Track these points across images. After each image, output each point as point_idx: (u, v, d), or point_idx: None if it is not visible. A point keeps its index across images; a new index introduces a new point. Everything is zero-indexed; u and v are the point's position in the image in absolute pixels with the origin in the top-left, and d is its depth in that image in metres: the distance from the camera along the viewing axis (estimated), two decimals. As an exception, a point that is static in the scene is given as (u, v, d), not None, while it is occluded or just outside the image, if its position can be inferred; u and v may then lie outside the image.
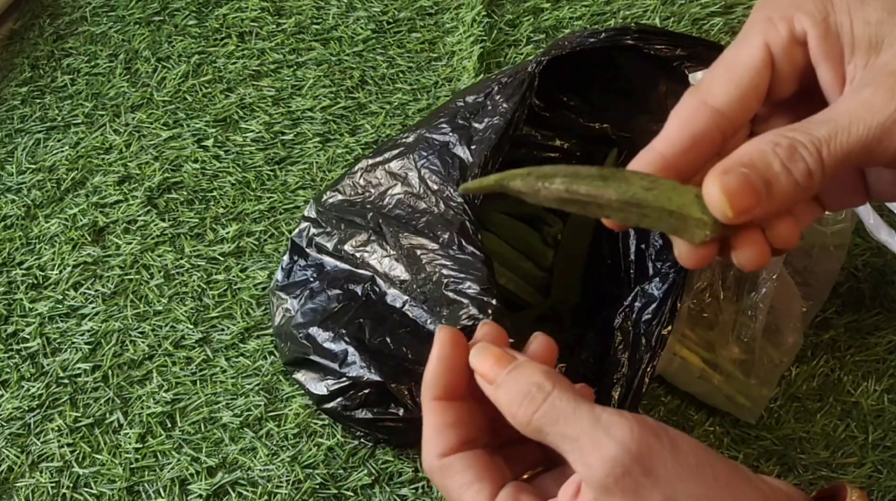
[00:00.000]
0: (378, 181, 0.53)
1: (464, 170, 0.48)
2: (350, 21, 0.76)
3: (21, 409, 0.57)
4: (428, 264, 0.48)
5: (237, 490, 0.53)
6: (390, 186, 0.52)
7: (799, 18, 0.31)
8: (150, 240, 0.64)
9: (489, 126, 0.49)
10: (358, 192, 0.54)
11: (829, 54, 0.31)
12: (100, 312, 0.61)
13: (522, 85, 0.49)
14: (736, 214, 0.29)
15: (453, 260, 0.47)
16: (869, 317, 0.59)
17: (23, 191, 0.67)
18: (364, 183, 0.53)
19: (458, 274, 0.46)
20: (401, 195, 0.51)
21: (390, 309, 0.51)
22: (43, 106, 0.72)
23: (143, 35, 0.76)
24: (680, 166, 0.32)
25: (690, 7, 0.74)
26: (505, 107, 0.49)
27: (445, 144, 0.50)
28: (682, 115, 0.32)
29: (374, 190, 0.53)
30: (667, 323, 0.46)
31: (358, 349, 0.50)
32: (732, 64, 0.32)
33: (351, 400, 0.51)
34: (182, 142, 0.69)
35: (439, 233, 0.48)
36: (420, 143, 0.51)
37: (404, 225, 0.49)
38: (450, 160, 0.49)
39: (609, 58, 0.54)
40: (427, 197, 0.49)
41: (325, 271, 0.55)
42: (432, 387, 0.34)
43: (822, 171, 0.29)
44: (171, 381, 0.57)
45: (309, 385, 0.53)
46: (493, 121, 0.49)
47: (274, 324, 0.56)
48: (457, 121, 0.50)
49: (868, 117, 0.29)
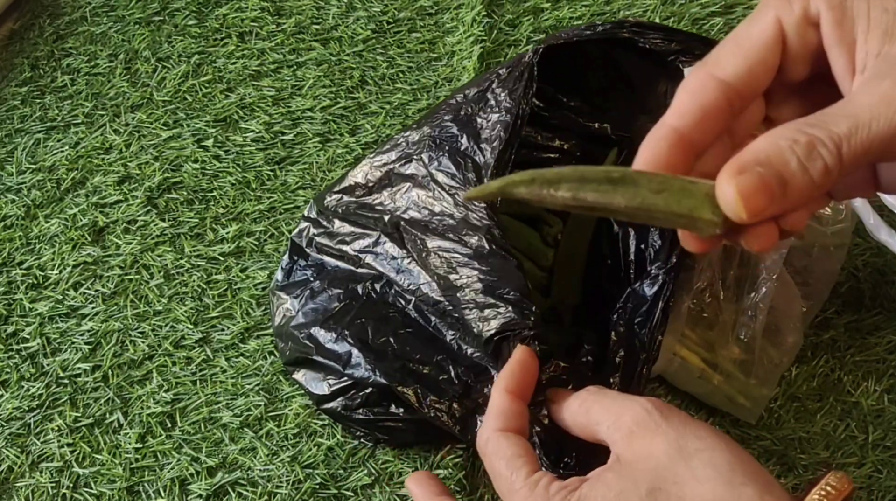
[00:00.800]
0: (386, 182, 0.52)
1: (478, 171, 0.48)
2: (350, 21, 0.76)
3: (21, 409, 0.57)
4: (459, 267, 0.48)
5: (237, 490, 0.53)
6: (400, 188, 0.51)
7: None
8: (150, 239, 0.64)
9: (497, 122, 0.48)
10: (364, 193, 0.53)
11: (841, 39, 0.31)
12: (100, 312, 0.61)
13: (522, 76, 0.48)
14: (750, 216, 0.29)
15: (488, 265, 0.47)
16: (869, 317, 0.59)
17: (23, 191, 0.67)
18: (370, 183, 0.53)
19: (494, 279, 0.46)
20: (414, 197, 0.50)
21: (393, 309, 0.51)
22: (43, 106, 0.72)
23: (143, 35, 0.76)
24: (693, 138, 0.32)
25: (690, 7, 0.74)
26: (509, 102, 0.48)
27: (454, 143, 0.50)
28: (690, 87, 0.32)
29: (383, 191, 0.52)
30: (659, 325, 0.46)
31: (362, 350, 0.50)
32: (742, 38, 0.32)
33: (352, 400, 0.51)
34: (182, 142, 0.69)
35: (466, 237, 0.48)
36: (426, 142, 0.51)
37: (424, 227, 0.49)
38: (462, 161, 0.49)
39: (608, 56, 0.54)
40: (443, 199, 0.49)
41: (326, 271, 0.55)
42: (507, 380, 0.41)
43: (840, 169, 0.29)
44: (171, 381, 0.57)
45: (310, 384, 0.53)
46: (501, 117, 0.48)
47: (274, 324, 0.56)
48: (461, 116, 0.50)
49: (889, 112, 0.28)
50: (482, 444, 0.40)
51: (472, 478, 0.53)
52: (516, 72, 0.49)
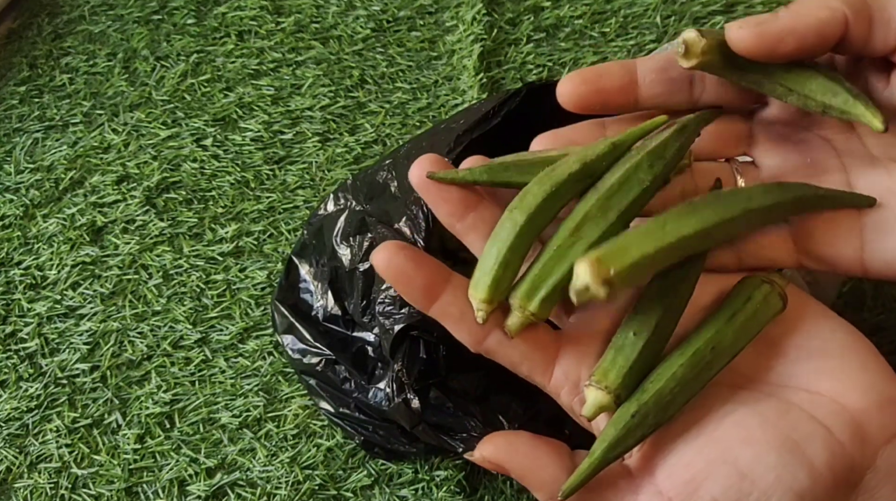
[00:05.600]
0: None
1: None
2: (350, 20, 0.76)
3: (19, 410, 0.56)
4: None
5: (236, 491, 0.53)
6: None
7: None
8: (149, 239, 0.64)
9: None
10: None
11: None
12: (98, 312, 0.60)
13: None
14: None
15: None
16: (871, 318, 0.59)
17: (21, 191, 0.67)
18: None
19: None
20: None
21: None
22: (41, 105, 0.72)
23: (142, 34, 0.76)
24: (639, 79, 0.34)
25: (692, 6, 0.74)
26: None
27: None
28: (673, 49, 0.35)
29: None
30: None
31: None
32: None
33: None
34: (181, 142, 0.69)
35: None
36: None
37: None
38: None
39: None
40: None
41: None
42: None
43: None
44: (169, 382, 0.57)
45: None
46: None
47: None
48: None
49: None
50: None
51: (472, 479, 0.53)
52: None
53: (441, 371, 0.47)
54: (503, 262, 0.31)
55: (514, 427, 0.47)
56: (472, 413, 0.47)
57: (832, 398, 0.30)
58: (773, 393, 0.31)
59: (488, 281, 0.31)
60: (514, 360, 0.32)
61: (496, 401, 0.48)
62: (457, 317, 0.32)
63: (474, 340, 0.32)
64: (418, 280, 0.31)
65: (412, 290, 0.31)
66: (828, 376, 0.31)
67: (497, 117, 0.48)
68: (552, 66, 0.72)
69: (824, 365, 0.31)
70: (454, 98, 0.71)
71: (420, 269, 0.31)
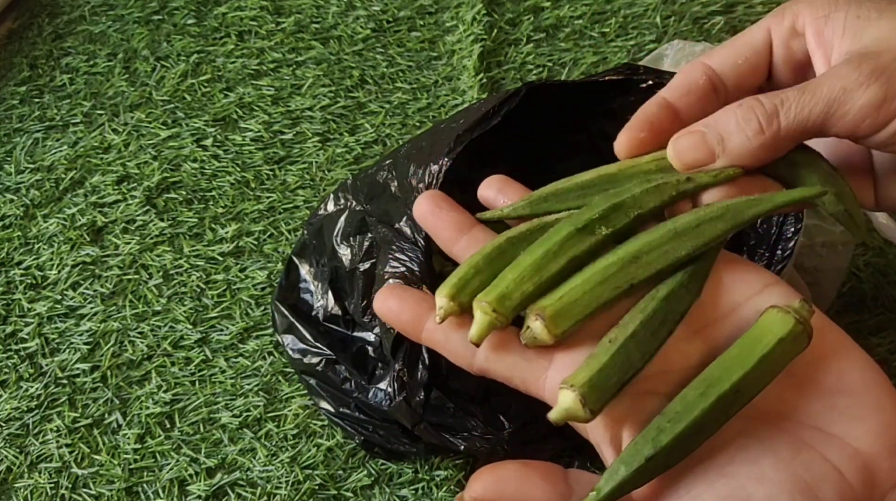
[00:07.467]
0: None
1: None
2: (350, 20, 0.76)
3: (20, 410, 0.56)
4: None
5: (236, 491, 0.53)
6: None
7: (803, 13, 0.36)
8: (149, 239, 0.64)
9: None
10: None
11: (820, 44, 0.35)
12: (98, 312, 0.60)
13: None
14: (682, 166, 0.35)
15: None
16: (871, 318, 0.59)
17: (21, 191, 0.67)
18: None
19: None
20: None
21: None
22: (41, 105, 0.72)
23: (142, 34, 0.76)
24: (678, 107, 0.36)
25: (692, 6, 0.74)
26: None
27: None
28: (684, 69, 0.38)
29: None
30: None
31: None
32: (737, 39, 0.38)
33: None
34: (181, 142, 0.69)
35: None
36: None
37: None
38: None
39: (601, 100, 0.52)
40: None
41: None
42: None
43: (777, 130, 0.33)
44: (169, 382, 0.57)
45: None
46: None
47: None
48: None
49: (832, 82, 0.33)
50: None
51: (473, 479, 0.53)
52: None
53: (442, 371, 0.47)
54: (474, 265, 0.32)
55: (514, 427, 0.47)
56: (472, 413, 0.47)
57: (845, 441, 0.30)
58: (787, 429, 0.30)
59: (454, 281, 0.32)
60: (506, 375, 0.32)
61: (497, 402, 0.48)
62: (443, 341, 0.33)
63: (464, 361, 0.33)
64: (404, 314, 0.33)
65: (403, 325, 0.33)
66: (841, 416, 0.30)
67: (497, 117, 0.48)
68: (552, 66, 0.72)
69: (839, 403, 0.31)
70: (454, 98, 0.71)
71: (404, 304, 0.33)
